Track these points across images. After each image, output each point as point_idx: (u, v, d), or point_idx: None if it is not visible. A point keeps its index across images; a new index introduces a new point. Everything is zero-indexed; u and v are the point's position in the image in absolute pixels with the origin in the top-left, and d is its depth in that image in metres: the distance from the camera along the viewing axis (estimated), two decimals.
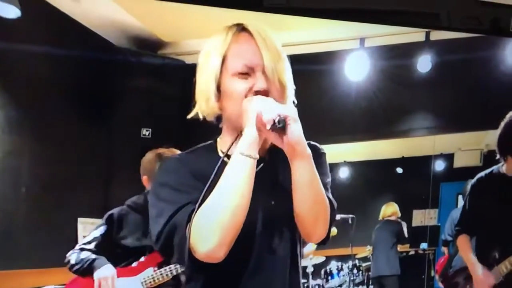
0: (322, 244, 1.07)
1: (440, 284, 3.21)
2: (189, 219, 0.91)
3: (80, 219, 2.26)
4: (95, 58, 2.18)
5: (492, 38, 2.76)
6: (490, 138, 3.06)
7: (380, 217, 3.27)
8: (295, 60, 1.08)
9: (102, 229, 1.96)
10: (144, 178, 2.00)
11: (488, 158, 3.07)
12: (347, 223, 2.74)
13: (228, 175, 0.92)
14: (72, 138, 2.26)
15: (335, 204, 1.05)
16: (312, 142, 1.06)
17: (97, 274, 1.88)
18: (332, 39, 2.63)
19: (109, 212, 1.98)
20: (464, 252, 2.91)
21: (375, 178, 3.26)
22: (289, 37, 2.47)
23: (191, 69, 2.56)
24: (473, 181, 2.98)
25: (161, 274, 1.95)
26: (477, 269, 2.81)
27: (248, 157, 0.91)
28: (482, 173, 2.97)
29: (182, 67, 2.31)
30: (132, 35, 2.21)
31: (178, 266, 1.94)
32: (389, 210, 3.24)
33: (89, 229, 2.03)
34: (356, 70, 2.73)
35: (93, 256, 1.91)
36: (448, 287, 3.02)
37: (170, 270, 1.94)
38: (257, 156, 0.93)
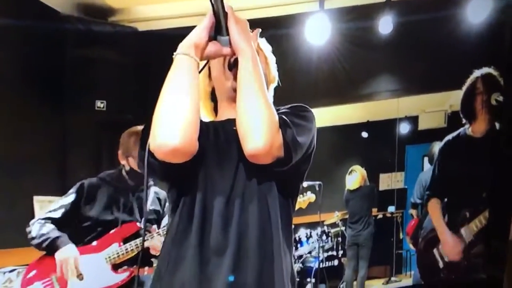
0: (276, 167, 1.08)
1: (411, 246, 3.47)
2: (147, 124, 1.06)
3: (36, 198, 2.29)
4: (41, 27, 2.16)
5: None
6: (453, 98, 3.26)
7: (350, 188, 3.42)
8: (253, 24, 1.18)
9: (71, 198, 1.99)
10: (119, 152, 2.07)
11: (453, 119, 3.29)
12: (314, 190, 2.89)
13: (168, 74, 1.06)
14: (23, 114, 2.25)
15: (292, 127, 1.07)
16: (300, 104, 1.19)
17: (58, 255, 1.91)
18: (291, 1, 2.71)
19: (80, 181, 2.03)
20: (435, 218, 3.17)
21: (340, 144, 3.37)
22: (245, 1, 2.54)
23: (144, 36, 2.60)
24: (441, 144, 3.23)
25: (125, 249, 2.01)
26: (447, 236, 3.09)
27: (181, 55, 1.06)
28: (449, 136, 3.22)
29: (135, 35, 2.33)
30: (79, 2, 2.20)
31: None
32: (358, 179, 3.41)
33: (47, 208, 2.06)
34: (317, 33, 2.81)
35: (55, 233, 1.93)
36: (420, 248, 3.28)
37: (136, 245, 2.02)
38: (192, 55, 1.06)
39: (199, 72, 1.10)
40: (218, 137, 1.14)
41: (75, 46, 2.24)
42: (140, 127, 2.04)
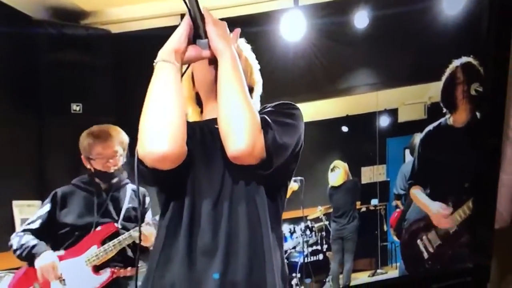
0: (260, 170, 1.10)
1: (395, 238, 3.54)
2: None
3: (15, 202, 2.31)
4: (13, 32, 2.19)
5: None
6: (432, 90, 3.32)
7: (334, 185, 3.47)
8: (228, 23, 1.22)
9: (46, 208, 2.07)
10: (82, 157, 2.13)
11: (432, 110, 3.36)
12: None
13: (151, 82, 1.09)
14: None
15: (274, 128, 1.09)
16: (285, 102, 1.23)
17: (37, 263, 2.00)
18: None
19: (54, 191, 2.09)
20: (418, 200, 3.23)
21: (320, 139, 3.41)
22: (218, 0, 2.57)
23: (118, 38, 2.65)
24: (421, 135, 3.29)
25: (104, 250, 2.07)
26: (432, 206, 3.14)
27: (161, 62, 1.08)
28: (430, 126, 3.29)
29: (109, 37, 2.36)
30: (51, 6, 2.23)
31: (121, 239, 2.08)
32: (341, 175, 3.47)
33: (26, 212, 2.12)
34: (292, 30, 2.87)
35: (33, 242, 2.02)
36: (404, 240, 3.35)
37: (114, 245, 2.07)
38: (172, 61, 1.08)
39: (182, 75, 1.12)
40: (204, 138, 1.17)
41: (48, 50, 2.26)
42: (94, 128, 2.11)
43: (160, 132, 1.02)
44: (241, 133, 1.04)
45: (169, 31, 1.15)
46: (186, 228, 1.10)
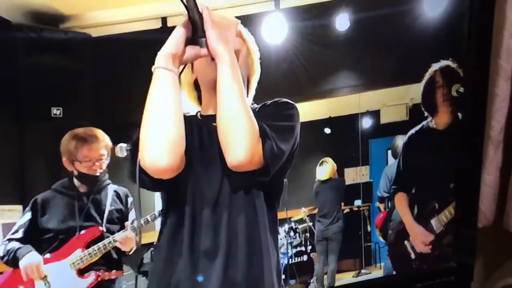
0: (258, 177, 1.14)
1: (381, 238, 3.59)
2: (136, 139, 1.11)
3: None
4: None
5: None
6: (414, 92, 3.39)
7: (321, 179, 3.51)
8: None
9: (27, 216, 2.10)
10: (64, 160, 2.15)
11: (414, 112, 3.42)
12: None
13: (150, 89, 1.11)
14: None
15: (271, 137, 1.12)
16: (283, 99, 1.27)
17: (22, 263, 2.02)
18: (245, 2, 2.79)
19: (34, 198, 2.11)
20: (402, 213, 3.29)
21: (303, 140, 3.44)
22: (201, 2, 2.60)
23: (98, 42, 2.67)
24: (404, 138, 3.35)
25: (89, 254, 2.10)
26: (415, 229, 3.20)
27: (160, 68, 1.10)
28: (412, 130, 3.35)
29: (89, 41, 2.35)
30: (30, 10, 2.23)
31: (106, 243, 2.11)
32: (328, 171, 3.51)
33: (7, 216, 2.13)
34: (274, 33, 2.91)
35: (17, 245, 2.04)
36: (390, 240, 3.40)
37: (99, 248, 2.11)
38: (170, 67, 1.10)
39: (181, 71, 1.16)
40: (202, 138, 1.22)
41: (28, 54, 2.27)
42: (79, 130, 2.14)
43: (159, 146, 1.06)
44: (240, 144, 1.08)
45: (149, 34, 1.17)
46: (188, 232, 1.15)
